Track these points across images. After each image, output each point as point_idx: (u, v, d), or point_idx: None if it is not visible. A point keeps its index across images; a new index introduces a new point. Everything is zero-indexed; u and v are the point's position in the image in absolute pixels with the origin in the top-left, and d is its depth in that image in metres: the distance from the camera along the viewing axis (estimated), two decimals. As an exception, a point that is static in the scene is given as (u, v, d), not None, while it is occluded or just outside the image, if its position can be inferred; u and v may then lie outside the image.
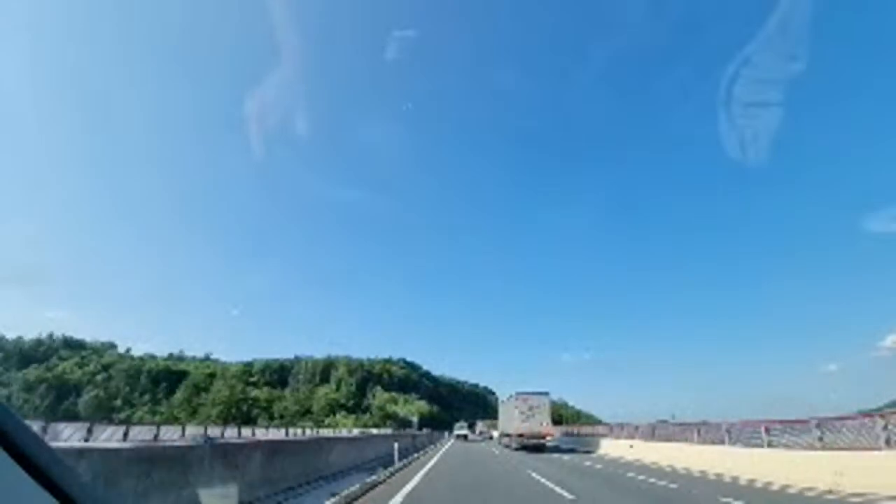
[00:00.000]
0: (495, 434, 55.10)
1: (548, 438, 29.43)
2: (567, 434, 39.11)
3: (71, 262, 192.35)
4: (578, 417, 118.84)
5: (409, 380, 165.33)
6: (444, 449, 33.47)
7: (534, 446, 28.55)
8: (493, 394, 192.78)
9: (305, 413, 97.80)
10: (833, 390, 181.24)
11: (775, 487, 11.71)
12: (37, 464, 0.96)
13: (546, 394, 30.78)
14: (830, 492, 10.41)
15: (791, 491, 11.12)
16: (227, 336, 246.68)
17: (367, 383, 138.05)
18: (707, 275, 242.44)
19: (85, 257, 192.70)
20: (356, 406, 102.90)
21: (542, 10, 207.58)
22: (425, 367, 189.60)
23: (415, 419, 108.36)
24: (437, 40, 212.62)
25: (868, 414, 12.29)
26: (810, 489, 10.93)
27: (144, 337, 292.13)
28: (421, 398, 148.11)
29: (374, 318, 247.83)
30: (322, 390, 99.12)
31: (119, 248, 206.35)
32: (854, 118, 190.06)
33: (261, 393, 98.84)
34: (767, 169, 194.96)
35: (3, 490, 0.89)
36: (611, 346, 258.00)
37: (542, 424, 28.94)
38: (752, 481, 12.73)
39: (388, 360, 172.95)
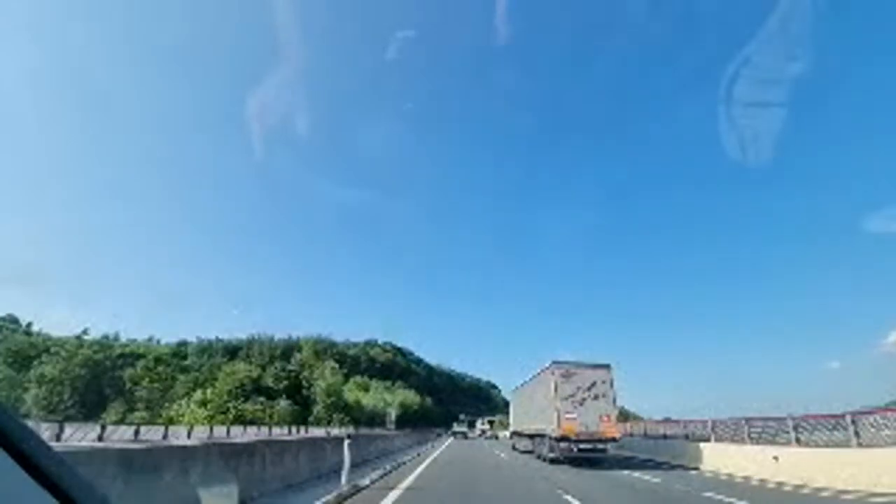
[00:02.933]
0: (501, 434, 50.51)
1: (617, 440, 17.50)
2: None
3: (71, 262, 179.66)
4: (626, 417, 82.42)
5: (396, 365, 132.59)
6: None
7: (587, 458, 16.38)
8: (497, 388, 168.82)
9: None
10: (835, 388, 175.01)
11: None
12: (37, 464, 0.93)
13: (607, 366, 18.12)
14: None
15: None
16: (226, 333, 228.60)
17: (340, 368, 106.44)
18: (707, 274, 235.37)
19: (85, 257, 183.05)
20: (295, 391, 69.08)
21: (542, 11, 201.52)
22: (418, 355, 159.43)
23: (392, 411, 73.67)
24: (437, 40, 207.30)
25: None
26: None
27: (136, 333, 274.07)
28: (410, 388, 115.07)
29: (374, 315, 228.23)
30: (234, 366, 65.31)
31: (119, 247, 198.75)
32: (855, 118, 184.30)
33: (133, 372, 64.67)
34: (768, 169, 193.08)
35: (3, 490, 0.86)
36: (610, 344, 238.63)
37: (602, 418, 16.84)
38: None
39: (369, 343, 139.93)
